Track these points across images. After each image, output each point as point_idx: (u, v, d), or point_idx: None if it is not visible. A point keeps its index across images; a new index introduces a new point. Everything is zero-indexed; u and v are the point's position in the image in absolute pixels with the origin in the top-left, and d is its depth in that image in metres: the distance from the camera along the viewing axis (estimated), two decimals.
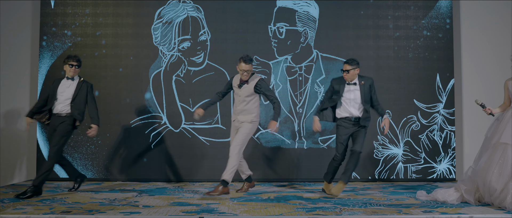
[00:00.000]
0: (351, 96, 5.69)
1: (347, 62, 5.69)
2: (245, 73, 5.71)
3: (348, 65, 5.65)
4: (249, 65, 5.70)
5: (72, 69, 5.77)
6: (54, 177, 7.05)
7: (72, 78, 5.82)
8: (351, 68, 5.63)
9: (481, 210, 4.70)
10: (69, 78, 5.82)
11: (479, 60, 7.52)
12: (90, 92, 5.87)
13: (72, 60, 5.80)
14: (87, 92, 5.84)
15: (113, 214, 4.36)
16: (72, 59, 5.80)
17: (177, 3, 7.31)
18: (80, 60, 5.89)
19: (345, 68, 5.67)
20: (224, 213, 4.48)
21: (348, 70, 5.64)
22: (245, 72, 5.71)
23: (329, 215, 4.37)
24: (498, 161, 4.99)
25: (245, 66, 5.67)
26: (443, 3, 7.40)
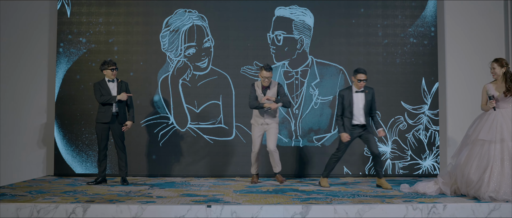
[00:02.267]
0: (360, 105, 6.29)
1: (363, 72, 6.24)
2: (266, 79, 6.44)
3: (364, 75, 6.23)
4: (270, 72, 6.43)
5: (113, 73, 6.51)
6: (70, 172, 7.64)
7: (113, 80, 6.55)
8: (366, 77, 6.26)
9: (454, 200, 5.28)
10: (110, 81, 6.53)
11: (461, 65, 8.09)
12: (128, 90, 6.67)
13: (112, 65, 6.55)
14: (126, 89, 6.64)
15: (131, 203, 4.96)
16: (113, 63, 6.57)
17: (183, 12, 7.88)
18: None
19: (362, 78, 6.21)
20: (229, 202, 5.10)
21: (365, 79, 6.24)
22: (266, 79, 6.43)
23: (320, 204, 4.97)
24: (476, 155, 5.52)
25: (266, 73, 6.41)
26: (428, 13, 7.99)
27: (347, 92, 6.36)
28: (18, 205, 4.83)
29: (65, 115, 7.69)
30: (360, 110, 6.30)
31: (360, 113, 6.31)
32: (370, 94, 6.34)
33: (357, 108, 6.30)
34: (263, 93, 6.56)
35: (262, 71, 6.46)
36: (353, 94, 6.32)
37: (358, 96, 6.32)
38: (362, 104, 6.30)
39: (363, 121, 6.33)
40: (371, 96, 6.35)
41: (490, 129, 5.49)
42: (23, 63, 7.90)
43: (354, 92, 6.33)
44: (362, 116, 6.31)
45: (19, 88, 7.86)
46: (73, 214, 4.81)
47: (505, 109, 5.56)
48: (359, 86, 6.28)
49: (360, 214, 4.88)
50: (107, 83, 6.56)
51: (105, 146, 6.60)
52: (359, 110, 6.30)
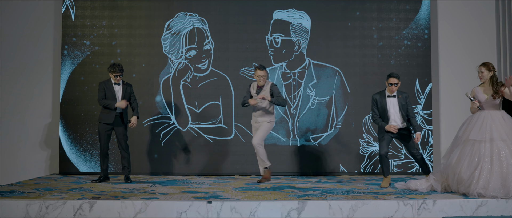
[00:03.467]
0: (393, 109, 6.27)
1: (397, 76, 6.20)
2: (261, 78, 6.64)
3: (395, 79, 6.19)
4: (263, 71, 6.64)
5: (117, 79, 6.71)
6: (75, 171, 7.89)
7: (119, 83, 6.78)
8: (398, 81, 6.21)
9: (444, 196, 5.52)
10: (116, 83, 6.74)
11: (454, 67, 8.33)
12: (132, 92, 6.91)
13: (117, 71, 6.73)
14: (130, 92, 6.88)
15: (135, 199, 5.21)
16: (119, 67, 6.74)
17: (184, 16, 8.12)
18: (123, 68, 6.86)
19: (393, 82, 6.17)
20: (228, 198, 5.34)
21: (396, 83, 6.20)
22: (261, 77, 6.63)
23: (316, 200, 5.21)
24: (467, 155, 5.74)
25: (260, 72, 6.63)
26: (422, 16, 8.22)
27: (380, 97, 6.34)
28: (28, 201, 5.07)
29: (69, 115, 7.93)
30: (395, 114, 6.27)
31: (396, 116, 6.26)
32: (404, 98, 6.30)
33: (391, 112, 6.29)
34: (257, 93, 6.74)
35: (256, 71, 6.68)
36: (386, 98, 6.32)
37: (391, 100, 6.30)
38: (396, 108, 6.27)
39: (400, 125, 6.28)
40: (405, 100, 6.30)
41: (480, 130, 5.72)
42: (29, 65, 8.15)
43: (387, 96, 6.33)
44: (398, 119, 6.27)
45: (25, 89, 8.11)
46: (80, 210, 5.05)
47: (493, 110, 5.80)
48: (390, 90, 6.26)
49: (354, 209, 5.11)
50: (113, 84, 6.79)
51: (106, 145, 6.78)
52: (394, 114, 6.27)
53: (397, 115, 6.29)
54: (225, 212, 5.04)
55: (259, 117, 6.73)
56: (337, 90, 8.09)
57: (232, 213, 5.04)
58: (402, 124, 6.32)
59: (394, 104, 6.30)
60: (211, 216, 5.02)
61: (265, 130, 6.70)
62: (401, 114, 6.29)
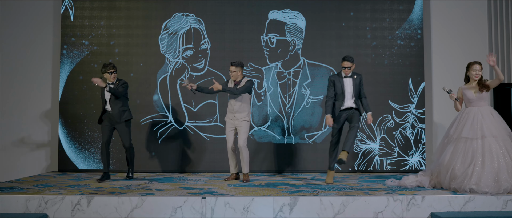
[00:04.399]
0: (348, 90, 6.50)
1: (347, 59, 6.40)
2: (233, 74, 6.64)
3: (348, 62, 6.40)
4: (234, 67, 6.63)
5: (111, 76, 6.64)
6: (74, 168, 8.03)
7: (113, 83, 6.67)
8: (351, 64, 6.42)
9: (432, 192, 5.66)
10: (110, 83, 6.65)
11: (446, 66, 8.46)
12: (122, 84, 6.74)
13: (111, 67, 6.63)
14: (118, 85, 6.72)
15: (132, 195, 5.35)
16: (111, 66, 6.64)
17: (181, 16, 8.26)
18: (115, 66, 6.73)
19: (346, 65, 6.39)
20: (222, 194, 5.48)
21: (349, 67, 6.41)
22: (232, 73, 6.64)
23: (308, 196, 5.35)
24: (460, 152, 5.87)
25: (231, 68, 6.66)
26: (415, 16, 8.36)
27: (337, 78, 6.56)
28: (27, 196, 5.21)
29: (68, 114, 8.07)
30: (349, 95, 6.52)
31: (348, 98, 6.52)
32: (358, 79, 6.55)
33: (347, 92, 6.51)
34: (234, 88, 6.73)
35: (230, 67, 6.70)
36: (343, 79, 6.55)
37: (347, 81, 6.53)
38: (350, 89, 6.52)
39: (352, 105, 6.55)
40: (359, 81, 6.55)
41: (472, 127, 5.86)
42: (28, 64, 8.29)
43: (343, 77, 6.55)
44: (350, 100, 6.51)
45: (25, 88, 8.25)
46: (78, 205, 5.19)
47: (482, 106, 5.95)
48: (345, 73, 6.50)
49: (344, 205, 5.25)
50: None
51: (106, 142, 6.75)
52: (348, 94, 6.52)
53: (350, 95, 6.51)
54: (219, 207, 5.18)
55: (236, 113, 6.68)
56: None
57: (226, 208, 5.18)
58: (354, 104, 6.54)
59: (350, 84, 6.51)
60: (205, 211, 5.16)
61: (247, 130, 6.70)
62: (354, 94, 6.52)
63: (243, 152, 6.67)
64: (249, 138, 8.05)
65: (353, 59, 6.52)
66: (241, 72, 6.72)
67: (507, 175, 5.52)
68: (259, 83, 8.14)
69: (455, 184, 5.70)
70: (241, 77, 6.75)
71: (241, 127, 6.67)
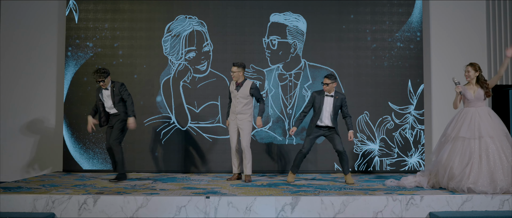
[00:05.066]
0: (327, 108, 6.64)
1: (328, 76, 6.58)
2: (234, 74, 6.75)
3: (328, 79, 6.58)
4: (235, 67, 6.75)
5: (100, 84, 6.65)
6: (78, 168, 8.15)
7: (107, 88, 6.72)
8: (330, 82, 6.60)
9: (431, 192, 5.78)
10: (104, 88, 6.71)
11: (445, 68, 8.56)
12: (123, 90, 6.74)
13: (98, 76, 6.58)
14: (120, 92, 6.73)
15: (137, 194, 5.47)
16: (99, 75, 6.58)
17: (184, 19, 8.37)
18: (105, 71, 6.64)
19: (325, 82, 6.59)
20: (225, 194, 5.61)
21: (328, 83, 6.60)
22: (233, 73, 6.75)
23: (309, 196, 5.48)
24: (458, 152, 5.98)
25: (232, 68, 6.77)
26: (414, 19, 8.47)
27: (318, 95, 6.69)
28: (35, 196, 5.34)
29: (73, 114, 8.19)
30: (327, 113, 6.64)
31: (326, 116, 6.64)
32: (339, 100, 6.65)
33: (324, 111, 6.64)
34: (236, 90, 6.83)
35: (232, 67, 6.81)
36: (324, 97, 6.67)
37: (328, 100, 6.67)
38: (329, 108, 6.65)
39: (328, 123, 6.66)
40: (340, 102, 6.66)
41: (469, 127, 5.98)
42: (34, 66, 8.42)
43: (325, 95, 6.67)
44: (327, 119, 6.64)
45: (30, 89, 8.38)
46: (84, 204, 5.31)
47: (480, 107, 6.07)
48: (325, 89, 6.63)
49: (345, 204, 5.38)
50: (102, 90, 6.78)
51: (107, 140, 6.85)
52: (326, 113, 6.64)
53: (328, 114, 6.64)
54: (222, 206, 5.30)
55: (239, 114, 6.80)
56: None
57: (229, 207, 5.31)
58: (331, 123, 6.68)
59: (329, 104, 6.64)
60: (209, 211, 5.29)
61: (250, 131, 6.84)
62: (331, 115, 6.64)
63: (246, 153, 6.79)
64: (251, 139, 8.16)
65: (334, 77, 6.65)
66: (242, 73, 6.84)
67: (503, 175, 5.64)
68: (260, 84, 8.25)
69: (453, 184, 5.80)
70: (243, 78, 6.86)
71: (243, 128, 6.79)
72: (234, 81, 6.88)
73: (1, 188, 5.96)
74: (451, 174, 5.89)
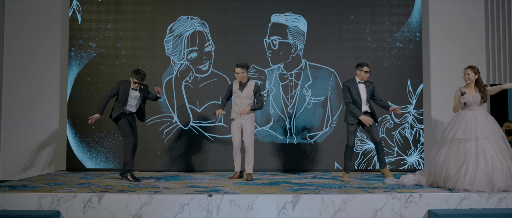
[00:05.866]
0: (363, 95, 6.78)
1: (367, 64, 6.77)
2: (238, 75, 6.82)
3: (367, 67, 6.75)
4: (239, 68, 6.81)
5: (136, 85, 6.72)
6: (81, 167, 8.25)
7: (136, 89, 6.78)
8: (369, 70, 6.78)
9: (429, 190, 5.86)
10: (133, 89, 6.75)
11: (444, 68, 8.66)
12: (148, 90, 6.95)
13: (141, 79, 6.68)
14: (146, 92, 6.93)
15: (141, 192, 5.57)
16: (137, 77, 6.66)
17: (186, 19, 8.46)
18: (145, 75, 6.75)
19: (368, 70, 6.73)
20: (228, 192, 5.70)
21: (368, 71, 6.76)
22: (238, 75, 6.82)
23: (309, 194, 5.57)
24: (453, 153, 6.07)
25: (236, 69, 6.84)
26: (414, 19, 8.56)
27: (352, 83, 6.79)
28: (41, 194, 5.43)
29: (76, 114, 8.29)
30: (365, 100, 6.79)
31: (365, 101, 6.79)
32: (371, 86, 6.85)
33: (363, 97, 6.77)
34: (240, 90, 6.89)
35: (236, 68, 6.88)
36: (357, 84, 6.79)
37: (361, 86, 6.81)
38: (365, 94, 6.80)
39: (367, 109, 6.80)
40: (372, 86, 6.85)
41: (466, 129, 6.06)
42: (37, 66, 8.52)
43: (358, 82, 6.82)
44: (365, 104, 6.78)
45: (34, 89, 8.48)
46: (89, 202, 5.41)
47: (477, 111, 6.15)
48: (365, 77, 6.76)
49: (345, 202, 5.47)
50: (130, 89, 6.77)
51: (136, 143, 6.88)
52: (364, 100, 6.79)
53: (365, 100, 6.79)
54: (224, 204, 5.40)
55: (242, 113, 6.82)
56: (332, 91, 8.44)
57: (231, 205, 5.40)
58: (369, 109, 6.81)
59: (364, 90, 6.79)
60: (212, 209, 5.39)
61: (253, 130, 6.91)
62: (368, 100, 6.79)
63: (249, 152, 6.88)
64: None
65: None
66: (246, 74, 6.92)
67: (501, 175, 5.72)
68: (262, 84, 8.34)
69: (450, 184, 5.88)
70: (247, 78, 6.95)
71: (246, 127, 6.87)
72: (237, 81, 6.95)
73: (7, 186, 6.06)
74: (447, 175, 5.97)
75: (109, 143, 8.30)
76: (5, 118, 8.48)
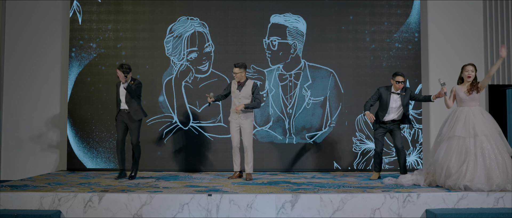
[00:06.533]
0: (394, 105, 6.92)
1: (402, 74, 6.83)
2: (236, 75, 6.82)
3: (402, 77, 6.81)
4: (238, 68, 6.81)
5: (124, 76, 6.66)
6: (82, 167, 8.29)
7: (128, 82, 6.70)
8: (403, 79, 6.84)
9: (427, 190, 5.90)
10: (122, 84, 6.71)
11: (443, 68, 8.69)
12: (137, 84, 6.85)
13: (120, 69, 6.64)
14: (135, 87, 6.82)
15: (141, 192, 5.61)
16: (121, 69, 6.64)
17: (186, 20, 8.51)
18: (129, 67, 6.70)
19: (400, 80, 6.80)
20: (227, 191, 5.74)
21: (403, 81, 6.84)
22: (235, 74, 6.82)
23: (308, 193, 5.61)
24: (454, 150, 6.09)
25: (235, 69, 6.84)
26: (412, 20, 8.60)
27: (385, 91, 6.96)
28: (41, 194, 5.47)
29: (77, 114, 8.34)
30: (394, 109, 6.93)
31: (393, 111, 6.94)
32: (408, 95, 6.93)
33: (392, 107, 6.93)
34: (238, 89, 6.89)
35: (234, 68, 6.87)
36: (391, 94, 6.92)
37: (394, 97, 6.92)
38: (396, 104, 6.93)
39: (395, 117, 6.96)
40: (408, 96, 6.93)
41: (464, 126, 6.09)
42: (38, 67, 8.57)
43: (392, 92, 6.93)
44: (394, 114, 6.94)
45: (35, 89, 8.53)
46: (90, 202, 5.45)
47: (473, 107, 6.20)
48: (397, 87, 6.88)
49: (343, 202, 5.51)
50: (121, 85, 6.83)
51: (121, 140, 6.90)
52: (393, 109, 6.93)
53: (395, 110, 6.93)
54: (224, 204, 5.44)
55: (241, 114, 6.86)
56: (331, 91, 8.48)
57: (231, 205, 5.44)
58: (398, 117, 6.98)
59: (397, 100, 6.92)
60: (211, 208, 5.43)
61: (251, 130, 6.94)
62: (398, 110, 6.93)
63: (248, 152, 6.92)
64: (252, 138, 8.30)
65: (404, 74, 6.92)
66: (244, 73, 6.95)
67: (498, 171, 5.77)
68: (261, 84, 8.38)
69: (450, 182, 5.91)
70: (245, 78, 6.98)
71: (245, 127, 6.90)
72: (236, 81, 6.99)
73: (8, 186, 6.11)
74: (448, 172, 6.00)
75: (109, 143, 8.34)
76: (6, 118, 8.53)
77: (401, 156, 7.00)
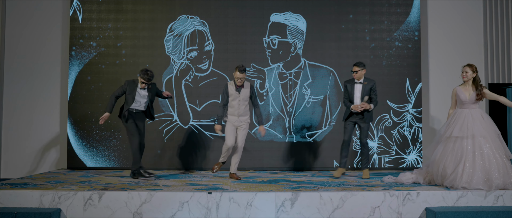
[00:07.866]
0: (357, 94, 6.99)
1: (357, 64, 6.96)
2: (239, 80, 6.69)
3: (356, 67, 6.95)
4: (243, 74, 6.66)
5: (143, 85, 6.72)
6: (82, 166, 8.30)
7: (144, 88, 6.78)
8: (359, 69, 6.95)
9: (427, 188, 5.92)
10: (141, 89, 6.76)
11: (443, 67, 8.71)
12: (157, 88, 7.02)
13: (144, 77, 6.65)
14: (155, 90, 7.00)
15: (141, 190, 5.62)
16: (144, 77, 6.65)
17: (186, 19, 8.52)
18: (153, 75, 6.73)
19: (354, 69, 6.95)
20: (227, 189, 5.76)
21: (356, 71, 6.95)
22: (239, 79, 6.68)
23: (308, 191, 5.62)
24: (450, 151, 6.12)
25: (240, 75, 6.63)
26: (412, 19, 8.61)
27: (349, 83, 7.11)
28: (42, 192, 5.49)
29: (77, 113, 8.34)
30: (358, 99, 6.99)
31: (357, 99, 7.00)
32: (369, 86, 7.00)
33: (356, 96, 7.00)
34: (237, 91, 6.77)
35: (236, 72, 6.64)
36: (354, 84, 7.05)
37: (357, 86, 7.00)
38: (359, 94, 6.98)
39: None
40: (370, 87, 7.00)
41: (462, 127, 6.10)
42: (38, 65, 8.57)
43: (354, 82, 7.05)
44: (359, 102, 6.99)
45: (35, 88, 8.54)
46: (90, 200, 5.46)
47: (474, 109, 6.20)
48: (355, 76, 7.00)
49: (343, 200, 5.52)
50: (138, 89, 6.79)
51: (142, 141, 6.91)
52: (357, 99, 7.00)
53: (358, 100, 7.02)
54: (224, 202, 5.45)
55: (241, 116, 6.83)
56: (331, 89, 8.49)
57: (231, 203, 5.45)
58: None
59: (359, 89, 7.01)
60: (211, 206, 5.44)
61: (246, 132, 6.93)
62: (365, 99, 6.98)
63: (239, 152, 6.89)
64: (252, 136, 8.32)
65: (363, 65, 7.03)
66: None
67: (497, 173, 5.77)
68: (261, 83, 8.39)
69: (447, 182, 5.92)
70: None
71: (243, 128, 6.89)
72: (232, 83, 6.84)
73: (8, 184, 6.12)
74: (444, 173, 6.01)
75: (109, 142, 8.35)
76: (6, 116, 8.54)
77: (363, 152, 7.11)
